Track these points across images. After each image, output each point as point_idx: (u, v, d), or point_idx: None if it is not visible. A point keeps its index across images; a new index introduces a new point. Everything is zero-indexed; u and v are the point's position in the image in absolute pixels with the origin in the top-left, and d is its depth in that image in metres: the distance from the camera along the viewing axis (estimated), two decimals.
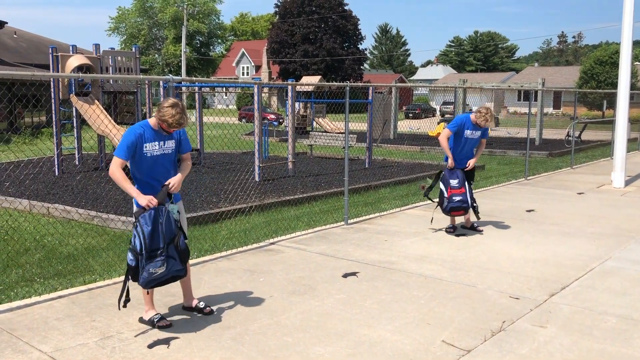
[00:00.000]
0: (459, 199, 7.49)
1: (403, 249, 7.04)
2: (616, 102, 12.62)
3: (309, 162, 15.61)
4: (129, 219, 7.96)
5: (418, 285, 5.70)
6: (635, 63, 44.62)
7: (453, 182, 7.54)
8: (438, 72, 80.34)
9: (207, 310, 4.91)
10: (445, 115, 38.16)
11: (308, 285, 5.70)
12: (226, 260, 6.54)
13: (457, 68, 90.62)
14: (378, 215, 9.08)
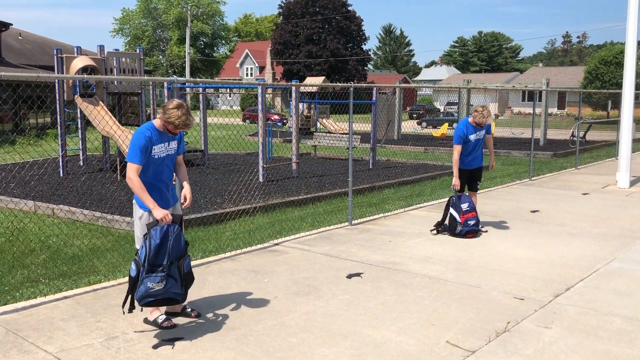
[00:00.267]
0: (473, 222, 7.64)
1: (407, 250, 7.04)
2: (621, 102, 12.59)
3: (313, 163, 15.61)
4: (133, 219, 7.96)
5: (422, 286, 5.70)
6: None
7: (464, 207, 7.65)
8: (442, 73, 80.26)
9: (194, 314, 4.85)
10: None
11: (312, 285, 5.70)
12: (230, 261, 6.54)
13: (461, 68, 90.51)
14: (382, 215, 9.08)
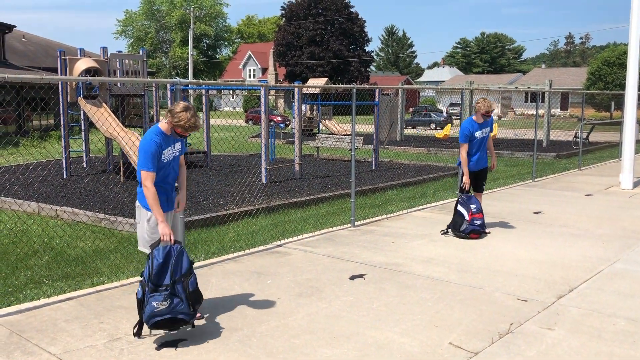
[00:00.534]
0: (479, 222, 7.68)
1: (410, 251, 7.04)
2: (624, 103, 12.57)
3: (316, 164, 15.61)
4: (138, 222, 7.97)
5: (425, 288, 5.70)
6: None
7: (473, 207, 7.70)
8: (445, 74, 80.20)
9: (197, 316, 4.80)
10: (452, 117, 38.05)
11: (315, 287, 5.71)
12: (233, 263, 6.55)
13: (464, 70, 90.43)
14: (385, 217, 9.07)
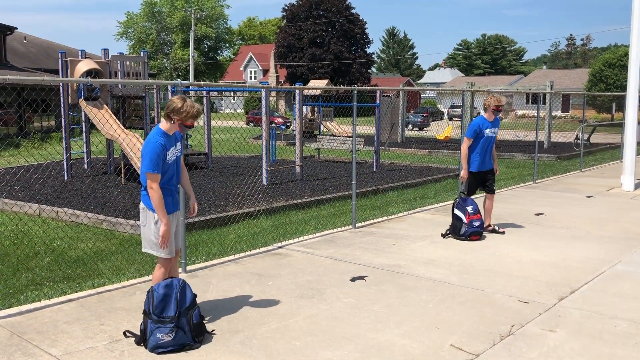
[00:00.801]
0: (478, 224, 7.67)
1: (411, 253, 7.03)
2: (625, 105, 12.56)
3: (317, 166, 15.61)
4: (138, 222, 7.97)
5: (426, 289, 5.69)
6: None
7: (469, 209, 7.68)
8: (446, 76, 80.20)
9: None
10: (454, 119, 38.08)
11: (316, 289, 5.70)
12: (234, 264, 6.55)
13: (465, 71, 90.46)
14: (386, 218, 9.06)
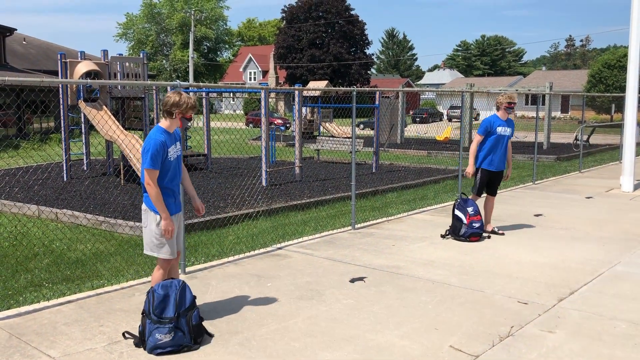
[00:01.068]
0: (478, 225, 7.68)
1: (410, 254, 7.03)
2: (624, 106, 12.57)
3: (316, 167, 15.61)
4: (137, 224, 7.98)
5: (426, 290, 5.69)
6: None
7: (470, 210, 7.70)
8: (445, 77, 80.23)
9: None
10: (453, 120, 38.07)
11: (315, 290, 5.70)
12: (233, 265, 6.54)
13: (464, 72, 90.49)
14: (385, 219, 9.06)
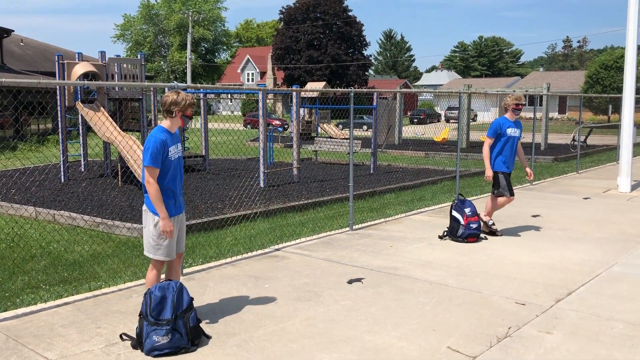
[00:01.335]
0: (475, 226, 7.70)
1: (408, 255, 7.03)
2: (621, 107, 12.59)
3: (314, 168, 15.61)
4: (134, 225, 7.98)
5: (423, 291, 5.69)
6: None
7: (467, 211, 7.71)
8: (443, 78, 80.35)
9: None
10: (450, 121, 38.10)
11: (313, 291, 5.69)
12: (231, 267, 6.54)
13: (462, 73, 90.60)
14: (383, 220, 9.06)
